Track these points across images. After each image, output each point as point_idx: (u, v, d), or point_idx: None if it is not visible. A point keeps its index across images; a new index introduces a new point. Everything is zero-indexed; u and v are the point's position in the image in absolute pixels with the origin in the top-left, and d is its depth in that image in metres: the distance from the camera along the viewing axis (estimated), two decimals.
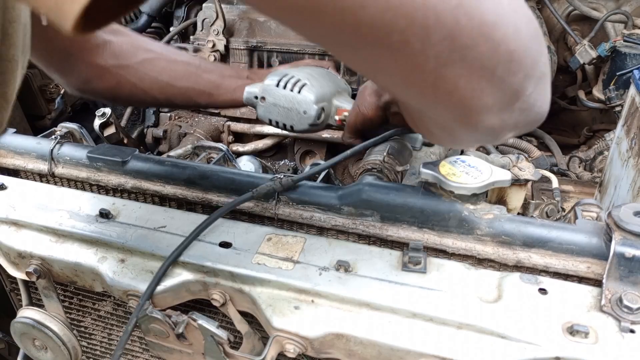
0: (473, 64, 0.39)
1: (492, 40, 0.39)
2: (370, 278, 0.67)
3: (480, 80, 0.40)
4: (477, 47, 0.38)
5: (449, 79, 0.40)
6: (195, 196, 0.83)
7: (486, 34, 0.38)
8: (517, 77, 0.42)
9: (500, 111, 0.44)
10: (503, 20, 0.39)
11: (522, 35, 0.41)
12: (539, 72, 0.44)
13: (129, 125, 1.75)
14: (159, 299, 0.73)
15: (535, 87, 0.45)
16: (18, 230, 0.82)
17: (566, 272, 0.67)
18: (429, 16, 0.35)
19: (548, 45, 1.64)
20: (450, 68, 0.39)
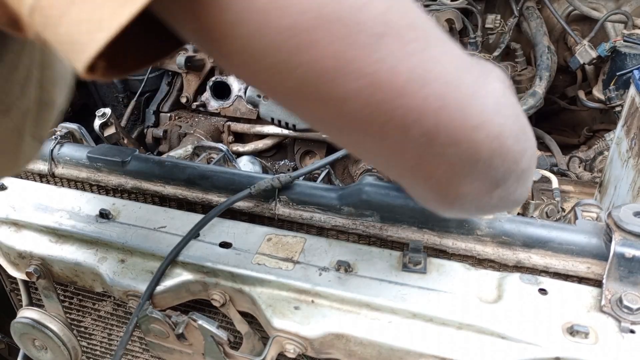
0: (452, 160, 0.40)
1: (474, 142, 0.39)
2: (370, 278, 0.67)
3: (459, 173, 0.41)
4: (457, 145, 0.38)
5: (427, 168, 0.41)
6: (195, 196, 0.83)
7: (468, 136, 0.38)
8: (498, 172, 0.42)
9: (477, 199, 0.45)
10: (487, 122, 0.39)
11: (506, 135, 0.40)
12: (521, 167, 0.44)
13: (129, 125, 1.75)
14: (159, 299, 0.73)
15: (515, 182, 0.45)
16: (18, 230, 0.82)
17: (566, 272, 0.67)
18: (408, 115, 0.36)
19: (548, 45, 1.64)
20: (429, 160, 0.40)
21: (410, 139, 0.38)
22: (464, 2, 1.61)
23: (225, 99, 1.62)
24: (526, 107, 1.61)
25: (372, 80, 0.34)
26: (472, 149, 0.39)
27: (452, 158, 0.39)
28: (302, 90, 0.36)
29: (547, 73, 1.63)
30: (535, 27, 1.67)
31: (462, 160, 0.40)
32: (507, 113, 0.41)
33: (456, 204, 0.45)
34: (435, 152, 0.39)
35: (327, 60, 0.33)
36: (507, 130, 0.40)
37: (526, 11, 1.70)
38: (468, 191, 0.43)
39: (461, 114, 0.37)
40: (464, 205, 0.45)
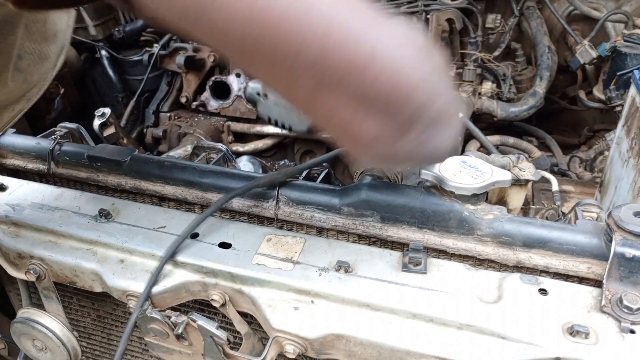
0: (345, 94, 0.40)
1: (364, 76, 0.39)
2: (371, 279, 0.67)
3: (356, 111, 0.42)
4: (348, 79, 0.39)
5: (324, 103, 0.42)
6: (195, 196, 0.82)
7: (357, 70, 0.39)
8: (399, 115, 0.43)
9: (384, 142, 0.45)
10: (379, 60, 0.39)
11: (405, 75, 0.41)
12: (428, 115, 0.44)
13: (129, 125, 1.75)
14: (158, 300, 0.73)
15: (425, 128, 0.46)
16: (18, 230, 0.82)
17: (566, 272, 0.67)
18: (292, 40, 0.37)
19: (548, 45, 1.64)
20: (323, 93, 0.41)
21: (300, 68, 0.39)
22: (464, 2, 1.61)
23: (224, 99, 1.62)
24: (527, 106, 1.61)
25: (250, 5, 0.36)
26: (365, 85, 0.40)
27: (346, 93, 0.40)
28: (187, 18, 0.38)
29: (548, 73, 1.63)
30: (536, 27, 1.67)
31: (356, 97, 0.40)
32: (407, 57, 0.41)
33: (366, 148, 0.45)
34: (328, 86, 0.40)
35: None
36: (404, 73, 0.41)
37: (526, 11, 1.70)
38: (372, 133, 0.43)
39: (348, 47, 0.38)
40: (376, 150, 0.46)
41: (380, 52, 0.40)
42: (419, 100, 0.43)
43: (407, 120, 0.44)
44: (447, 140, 0.50)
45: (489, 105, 1.62)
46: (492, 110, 1.62)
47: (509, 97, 1.66)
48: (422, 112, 0.44)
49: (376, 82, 0.40)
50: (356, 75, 0.39)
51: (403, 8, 1.64)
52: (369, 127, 0.43)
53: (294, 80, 0.41)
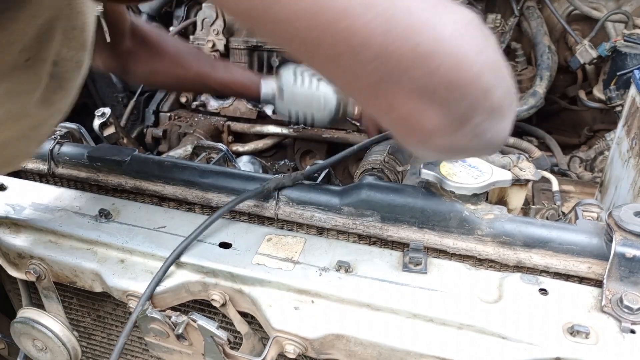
0: (407, 86, 0.40)
1: (427, 67, 0.39)
2: (371, 278, 0.67)
3: (417, 102, 0.41)
4: (410, 71, 0.39)
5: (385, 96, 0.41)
6: (195, 196, 0.82)
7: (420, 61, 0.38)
8: (460, 105, 0.42)
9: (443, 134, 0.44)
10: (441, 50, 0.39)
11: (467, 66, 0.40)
12: (489, 104, 0.43)
13: (129, 125, 1.74)
14: (158, 300, 0.73)
15: (485, 118, 0.45)
16: (18, 230, 0.82)
17: (567, 272, 0.67)
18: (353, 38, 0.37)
19: (548, 45, 1.64)
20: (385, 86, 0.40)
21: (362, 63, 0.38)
22: (464, 2, 1.61)
23: (225, 99, 1.62)
24: (527, 106, 1.61)
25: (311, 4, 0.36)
26: (427, 77, 0.39)
27: (409, 85, 0.39)
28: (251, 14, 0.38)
29: (548, 73, 1.63)
30: (536, 27, 1.67)
31: (418, 89, 0.40)
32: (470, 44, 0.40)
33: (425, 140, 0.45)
34: (390, 79, 0.39)
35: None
36: (467, 61, 0.40)
37: (526, 11, 1.70)
38: (432, 125, 0.43)
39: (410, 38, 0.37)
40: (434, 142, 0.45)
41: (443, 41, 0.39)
42: (480, 89, 0.42)
43: (467, 110, 0.43)
44: (505, 129, 0.49)
45: None
46: None
47: None
48: (483, 101, 0.43)
49: (438, 73, 0.39)
50: (418, 68, 0.39)
51: None
52: (429, 119, 0.42)
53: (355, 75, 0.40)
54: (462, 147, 0.49)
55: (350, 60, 0.39)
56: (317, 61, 0.41)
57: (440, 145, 0.47)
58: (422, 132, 0.44)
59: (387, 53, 0.38)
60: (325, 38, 0.37)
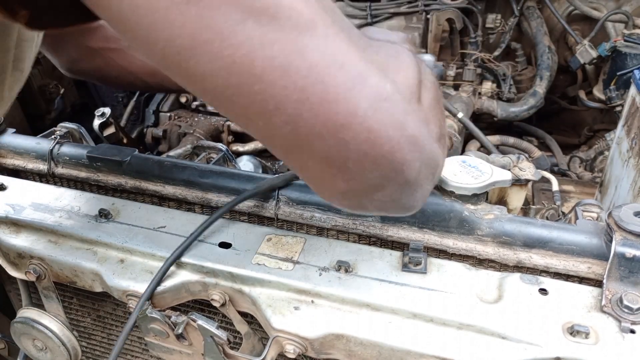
0: (318, 154, 0.39)
1: (338, 139, 0.38)
2: (371, 278, 0.67)
3: (327, 169, 0.40)
4: (321, 140, 0.38)
5: (297, 158, 0.41)
6: (195, 196, 0.82)
7: (332, 133, 0.37)
8: (371, 176, 0.41)
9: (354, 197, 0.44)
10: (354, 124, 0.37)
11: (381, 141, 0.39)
12: (403, 178, 0.42)
13: (129, 125, 1.74)
14: (158, 300, 0.73)
15: (398, 190, 0.43)
16: (18, 230, 0.82)
17: (567, 272, 0.67)
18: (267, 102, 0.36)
19: (548, 45, 1.64)
20: (297, 150, 0.39)
21: (275, 126, 0.38)
22: (464, 2, 1.61)
23: None
24: (527, 106, 1.62)
25: (227, 64, 0.35)
26: (339, 148, 0.38)
27: (320, 153, 0.39)
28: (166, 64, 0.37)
29: (548, 73, 1.63)
30: (536, 27, 1.67)
31: (331, 158, 0.39)
32: (386, 119, 0.38)
33: (334, 198, 0.44)
34: (302, 144, 0.38)
35: (182, 40, 0.34)
36: (382, 136, 0.38)
37: (527, 11, 1.70)
38: (343, 189, 0.42)
39: (324, 109, 0.36)
40: (344, 202, 0.44)
41: (357, 116, 0.37)
42: (394, 164, 0.41)
43: (379, 181, 0.42)
44: (423, 196, 0.48)
45: (489, 105, 1.62)
46: (492, 110, 1.62)
47: (509, 97, 1.66)
48: (396, 175, 0.42)
49: (350, 146, 0.38)
50: (329, 138, 0.38)
51: (403, 8, 1.64)
52: (338, 184, 0.41)
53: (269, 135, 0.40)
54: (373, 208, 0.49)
55: (263, 122, 0.38)
56: (231, 116, 0.41)
57: (349, 205, 0.46)
58: (332, 194, 0.43)
59: (300, 121, 0.37)
60: (239, 99, 0.37)
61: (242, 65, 0.35)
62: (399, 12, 1.64)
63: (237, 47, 0.34)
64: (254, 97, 0.36)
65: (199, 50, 0.35)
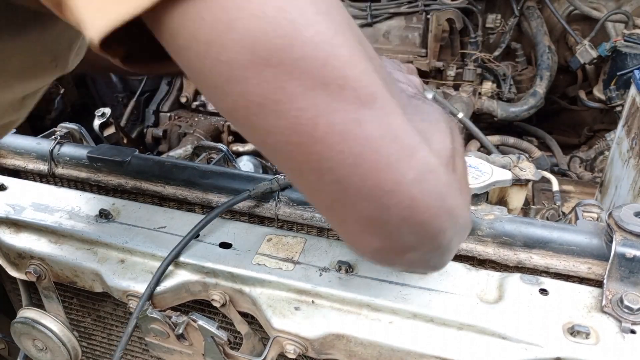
0: (360, 213, 0.42)
1: (382, 203, 0.41)
2: (371, 279, 0.67)
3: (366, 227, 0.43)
4: (366, 202, 0.41)
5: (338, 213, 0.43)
6: (195, 196, 0.82)
7: (377, 197, 0.40)
8: (408, 239, 0.44)
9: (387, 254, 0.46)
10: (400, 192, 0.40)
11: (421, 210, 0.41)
12: (437, 243, 0.45)
13: (129, 126, 1.75)
14: (158, 300, 0.73)
15: (430, 252, 0.46)
16: (18, 230, 0.82)
17: (567, 272, 0.67)
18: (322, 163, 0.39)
19: (548, 45, 1.64)
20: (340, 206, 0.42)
21: (324, 183, 0.41)
22: (464, 2, 1.61)
23: None
24: (527, 106, 1.62)
25: (292, 124, 0.38)
26: (381, 211, 0.41)
27: (362, 213, 0.42)
28: (233, 115, 0.40)
29: (548, 73, 1.63)
30: (536, 27, 1.67)
31: (371, 218, 0.42)
32: (429, 189, 0.41)
33: (367, 254, 0.47)
34: (347, 202, 0.41)
35: (255, 97, 0.37)
36: (423, 205, 0.41)
37: (527, 11, 1.70)
38: (377, 247, 0.45)
39: (374, 175, 0.39)
40: (374, 257, 0.47)
41: (404, 184, 0.40)
42: (431, 231, 0.44)
43: (413, 244, 0.44)
44: (449, 259, 0.52)
45: (489, 105, 1.62)
46: (492, 110, 1.62)
47: (509, 97, 1.66)
48: (431, 241, 0.45)
49: (392, 211, 0.41)
50: (374, 201, 0.41)
51: (403, 8, 1.64)
52: (373, 242, 0.44)
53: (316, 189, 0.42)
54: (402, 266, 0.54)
55: (314, 178, 0.41)
56: (283, 168, 0.44)
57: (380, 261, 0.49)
58: (366, 250, 0.46)
59: (349, 182, 0.40)
60: (297, 156, 0.40)
61: (306, 127, 0.38)
62: (399, 12, 1.64)
63: (305, 111, 0.37)
64: (311, 156, 0.39)
65: (268, 108, 0.37)
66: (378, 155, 0.39)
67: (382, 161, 0.39)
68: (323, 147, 0.38)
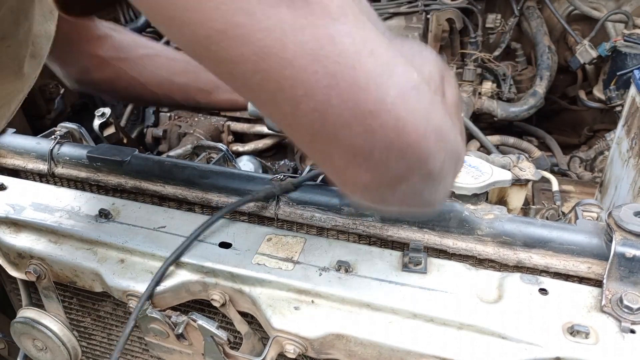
0: (344, 142, 0.39)
1: (366, 126, 0.38)
2: (371, 278, 0.67)
3: (352, 159, 0.40)
4: (349, 128, 0.38)
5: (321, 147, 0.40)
6: (195, 196, 0.82)
7: (359, 120, 0.37)
8: (396, 167, 0.41)
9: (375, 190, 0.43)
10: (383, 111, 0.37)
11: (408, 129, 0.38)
12: (428, 169, 0.42)
13: (129, 125, 1.75)
14: (158, 299, 0.73)
15: (422, 181, 0.43)
16: (18, 230, 0.82)
17: (567, 272, 0.67)
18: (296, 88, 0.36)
19: (548, 45, 1.64)
20: (322, 138, 0.39)
21: (302, 113, 0.37)
22: (464, 2, 1.61)
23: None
24: (527, 106, 1.62)
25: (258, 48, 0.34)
26: (366, 137, 0.38)
27: (346, 142, 0.39)
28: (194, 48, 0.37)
29: (548, 73, 1.63)
30: (536, 27, 1.67)
31: (356, 147, 0.39)
32: (414, 107, 0.38)
33: (357, 191, 0.44)
34: (328, 132, 0.38)
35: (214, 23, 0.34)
36: (409, 125, 0.38)
37: (527, 11, 1.70)
38: (366, 182, 0.42)
39: (354, 95, 0.36)
40: (365, 196, 0.44)
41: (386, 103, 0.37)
42: (419, 154, 0.40)
43: (403, 172, 0.41)
44: (444, 191, 0.48)
45: (489, 105, 1.62)
46: (492, 110, 1.62)
47: (509, 97, 1.66)
48: (421, 166, 0.42)
49: (377, 134, 0.38)
50: (357, 126, 0.38)
51: (403, 8, 1.64)
52: (362, 176, 0.41)
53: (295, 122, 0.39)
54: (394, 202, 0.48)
55: (290, 108, 0.38)
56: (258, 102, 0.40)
57: (371, 199, 0.46)
58: (354, 187, 0.43)
59: (328, 107, 0.37)
60: (268, 85, 0.37)
61: (273, 50, 0.35)
62: (399, 12, 1.64)
63: (269, 32, 0.34)
64: (283, 83, 0.36)
65: (230, 33, 0.34)
66: (355, 72, 0.36)
67: (360, 78, 0.36)
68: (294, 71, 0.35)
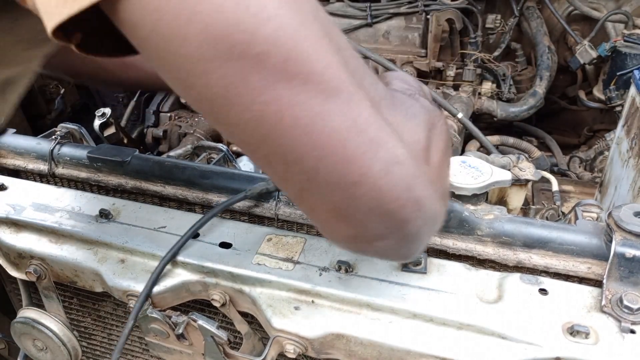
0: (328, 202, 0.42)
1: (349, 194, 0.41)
2: (371, 278, 0.67)
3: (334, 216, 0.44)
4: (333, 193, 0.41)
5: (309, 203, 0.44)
6: (195, 196, 0.82)
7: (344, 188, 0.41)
8: (377, 227, 0.44)
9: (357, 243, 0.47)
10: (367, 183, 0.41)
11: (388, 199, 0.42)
12: (405, 232, 0.45)
13: (129, 126, 1.74)
14: (159, 299, 0.73)
15: (399, 242, 0.47)
16: (18, 230, 0.82)
17: (567, 272, 0.67)
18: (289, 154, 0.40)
19: (548, 45, 1.64)
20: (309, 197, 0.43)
21: (292, 173, 0.41)
22: (464, 2, 1.61)
23: None
24: (527, 106, 1.62)
25: (257, 117, 0.38)
26: (349, 202, 0.42)
27: (330, 202, 0.42)
28: (200, 107, 0.40)
29: (548, 73, 1.63)
30: (536, 27, 1.67)
31: (340, 208, 0.43)
32: (396, 181, 0.42)
33: (337, 241, 0.48)
34: (315, 192, 0.42)
35: (217, 89, 0.37)
36: (389, 196, 0.42)
37: (526, 11, 1.70)
38: (347, 235, 0.45)
39: (340, 167, 0.40)
40: (344, 244, 0.48)
41: (370, 176, 0.41)
42: (398, 221, 0.44)
43: (382, 232, 0.45)
44: (419, 248, 0.52)
45: (489, 105, 1.62)
46: (492, 110, 1.62)
47: (509, 97, 1.66)
48: (399, 230, 0.45)
49: (359, 201, 0.42)
50: (341, 192, 0.41)
51: (403, 8, 1.64)
52: (343, 231, 0.45)
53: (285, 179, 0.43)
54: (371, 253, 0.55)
55: (281, 168, 0.42)
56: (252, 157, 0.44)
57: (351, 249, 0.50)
58: (336, 238, 0.47)
59: (316, 173, 0.40)
60: (264, 147, 0.40)
61: (271, 120, 0.38)
62: (399, 12, 1.64)
63: (268, 104, 0.37)
64: (277, 148, 0.40)
65: (232, 101, 0.38)
66: (343, 148, 0.39)
67: (347, 154, 0.39)
68: (288, 140, 0.39)
